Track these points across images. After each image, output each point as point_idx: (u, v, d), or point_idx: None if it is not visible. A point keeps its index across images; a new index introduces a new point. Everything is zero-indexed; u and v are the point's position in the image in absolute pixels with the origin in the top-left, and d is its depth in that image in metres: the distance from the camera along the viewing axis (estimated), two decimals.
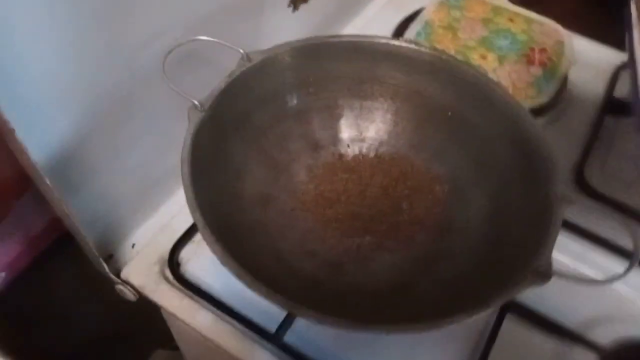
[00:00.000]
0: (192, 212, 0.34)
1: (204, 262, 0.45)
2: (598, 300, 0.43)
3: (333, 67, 0.46)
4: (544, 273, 0.32)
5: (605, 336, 0.42)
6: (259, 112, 0.45)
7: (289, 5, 0.57)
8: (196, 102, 0.39)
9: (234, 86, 0.41)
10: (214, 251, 0.32)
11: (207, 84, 0.41)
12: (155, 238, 0.47)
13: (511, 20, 0.65)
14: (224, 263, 0.32)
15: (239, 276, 0.31)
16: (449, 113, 0.46)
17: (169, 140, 0.46)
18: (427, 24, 0.64)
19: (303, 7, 0.58)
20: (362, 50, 0.46)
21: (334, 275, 0.41)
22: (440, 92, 0.46)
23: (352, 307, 0.38)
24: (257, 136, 0.45)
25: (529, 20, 0.65)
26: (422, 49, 0.45)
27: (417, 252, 0.43)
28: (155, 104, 0.43)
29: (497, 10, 0.66)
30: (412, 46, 0.45)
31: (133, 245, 0.47)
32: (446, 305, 0.36)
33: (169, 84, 0.38)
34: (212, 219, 0.34)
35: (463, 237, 0.42)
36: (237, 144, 0.43)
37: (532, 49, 0.62)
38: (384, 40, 0.46)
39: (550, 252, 0.33)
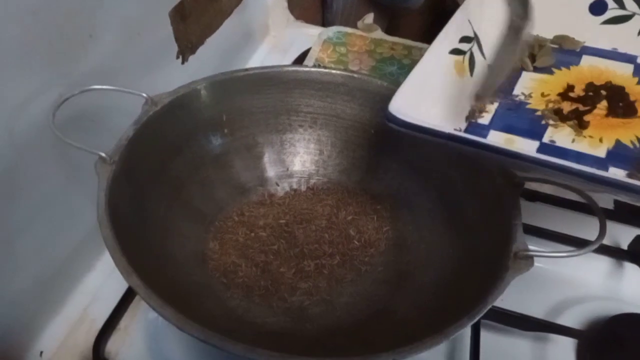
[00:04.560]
0: (127, 277, 0.27)
1: (137, 351, 0.37)
2: (556, 290, 0.43)
3: (245, 102, 0.43)
4: (525, 256, 0.30)
5: (575, 322, 0.41)
6: (174, 161, 0.39)
7: (177, 57, 0.54)
8: (103, 154, 0.33)
9: (143, 133, 0.36)
10: (165, 316, 0.26)
11: (113, 138, 0.35)
12: (69, 337, 0.38)
13: (392, 48, 0.68)
14: (182, 327, 0.26)
15: (206, 338, 0.25)
16: (372, 130, 0.45)
17: (68, 215, 0.39)
18: (318, 62, 0.64)
19: (192, 59, 0.55)
20: (271, 81, 0.43)
21: (300, 324, 0.36)
22: (359, 111, 0.45)
23: (331, 350, 0.33)
24: (177, 188, 0.39)
25: (407, 47, 0.69)
26: (334, 71, 0.44)
27: (379, 275, 0.39)
28: (47, 172, 0.36)
29: (376, 42, 0.69)
30: (323, 70, 0.44)
31: (41, 354, 0.37)
32: (435, 320, 0.32)
33: (63, 138, 0.32)
34: (150, 283, 0.28)
35: (424, 248, 0.39)
36: (157, 199, 0.37)
37: None
38: (292, 68, 0.44)
39: (522, 235, 0.32)
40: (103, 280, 0.41)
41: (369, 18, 0.71)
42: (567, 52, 0.42)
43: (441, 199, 0.40)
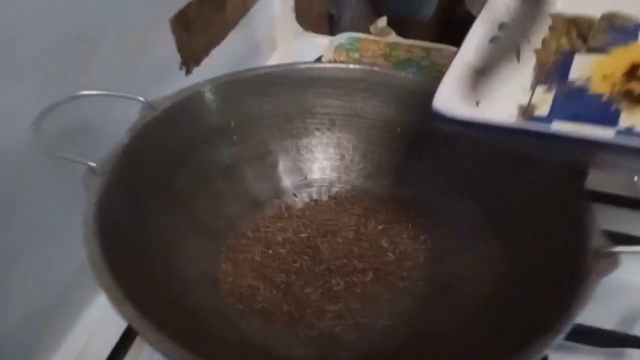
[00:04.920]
0: (118, 306, 0.22)
1: None
2: (623, 298, 0.37)
3: (255, 106, 0.39)
4: (608, 254, 0.24)
5: None
6: (179, 172, 0.35)
7: (180, 68, 0.50)
8: (92, 164, 0.28)
9: (141, 141, 0.32)
10: (165, 353, 0.21)
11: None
12: None
13: (409, 51, 0.64)
14: None
15: None
16: (398, 129, 0.40)
17: (63, 241, 0.34)
18: None
19: (196, 72, 0.51)
20: (283, 81, 0.39)
21: (332, 354, 0.31)
22: (381, 109, 0.40)
23: None
24: (183, 202, 0.35)
25: (425, 49, 0.65)
26: (351, 66, 0.39)
27: (421, 291, 0.34)
28: (39, 192, 0.32)
29: (391, 46, 0.65)
30: (339, 65, 0.40)
31: None
32: (493, 342, 0.27)
33: (48, 149, 0.28)
34: (149, 310, 0.23)
35: (469, 257, 0.34)
36: (160, 214, 0.32)
37: (440, 71, 0.60)
38: (305, 66, 0.40)
39: (599, 230, 0.26)
40: (104, 313, 0.36)
41: (383, 21, 0.67)
42: (619, 29, 0.37)
43: (484, 201, 0.35)
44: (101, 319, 0.36)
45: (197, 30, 0.51)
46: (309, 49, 0.67)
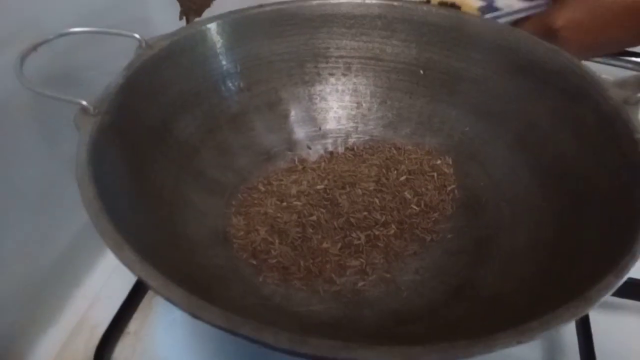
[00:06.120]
0: (117, 251, 0.19)
1: (152, 359, 0.29)
2: None
3: (262, 48, 0.35)
4: None
5: None
6: (181, 120, 0.32)
7: (180, 19, 0.46)
8: (84, 103, 0.25)
9: (136, 83, 0.28)
10: (174, 300, 0.18)
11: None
12: (66, 349, 0.30)
13: None
14: (197, 313, 0.17)
15: (234, 327, 0.17)
16: (421, 71, 0.36)
17: (59, 204, 0.31)
18: None
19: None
20: (292, 20, 0.35)
21: (356, 310, 0.28)
22: (402, 49, 0.36)
23: (406, 337, 0.25)
24: (187, 154, 0.31)
25: None
26: (367, 1, 0.36)
27: (450, 245, 0.31)
28: (28, 149, 0.29)
29: None
30: (355, 0, 0.36)
31: None
32: (542, 293, 0.24)
33: (33, 88, 0.24)
34: (153, 263, 0.20)
35: (505, 206, 0.31)
36: (161, 166, 0.29)
37: None
38: (316, 2, 0.36)
39: None
40: (105, 279, 0.34)
41: None
42: None
43: (521, 142, 0.32)
44: (102, 285, 0.33)
45: None
46: None
